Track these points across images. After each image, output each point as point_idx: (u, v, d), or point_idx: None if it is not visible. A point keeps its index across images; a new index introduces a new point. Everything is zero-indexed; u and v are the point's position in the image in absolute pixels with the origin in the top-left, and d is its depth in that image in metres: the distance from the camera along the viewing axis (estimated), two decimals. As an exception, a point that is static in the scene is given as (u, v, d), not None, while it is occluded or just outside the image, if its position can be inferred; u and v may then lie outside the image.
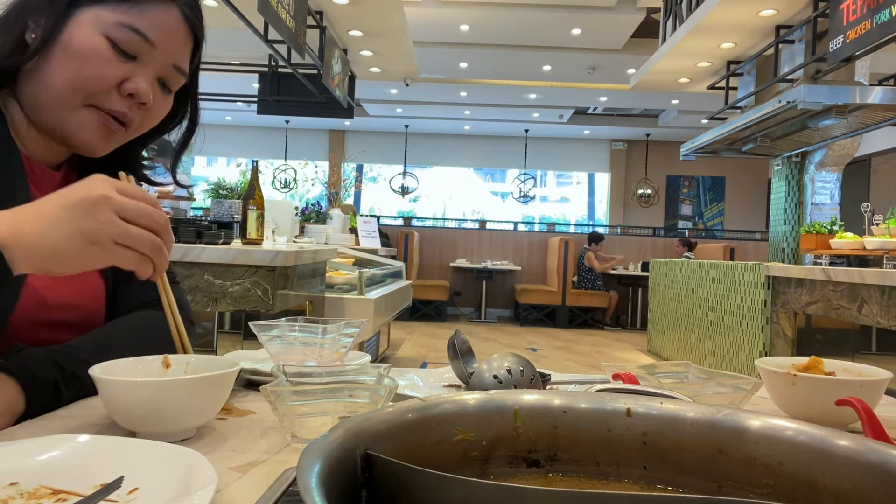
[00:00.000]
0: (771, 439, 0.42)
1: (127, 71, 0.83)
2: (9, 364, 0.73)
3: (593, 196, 13.59)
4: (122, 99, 0.84)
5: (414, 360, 5.90)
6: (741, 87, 5.97)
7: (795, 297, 4.05)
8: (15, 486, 0.52)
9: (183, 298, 1.05)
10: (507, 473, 0.46)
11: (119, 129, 0.87)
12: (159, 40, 0.85)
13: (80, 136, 0.84)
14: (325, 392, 0.66)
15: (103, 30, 0.81)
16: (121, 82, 0.83)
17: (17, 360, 0.74)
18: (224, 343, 4.47)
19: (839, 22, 3.98)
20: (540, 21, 7.50)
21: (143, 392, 0.66)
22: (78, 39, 0.81)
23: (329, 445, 0.36)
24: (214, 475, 0.52)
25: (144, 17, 0.83)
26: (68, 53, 0.81)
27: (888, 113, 4.48)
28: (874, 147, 8.88)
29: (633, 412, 0.47)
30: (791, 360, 0.91)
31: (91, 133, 0.85)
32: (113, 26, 0.82)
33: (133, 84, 0.84)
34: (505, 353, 0.82)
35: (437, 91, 9.99)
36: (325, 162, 12.73)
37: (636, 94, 9.52)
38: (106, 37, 0.81)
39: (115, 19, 0.82)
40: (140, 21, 0.83)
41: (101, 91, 0.83)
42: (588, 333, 8.63)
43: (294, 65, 5.21)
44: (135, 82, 0.84)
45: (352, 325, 0.98)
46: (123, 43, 0.82)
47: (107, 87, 0.83)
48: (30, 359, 0.75)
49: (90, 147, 0.86)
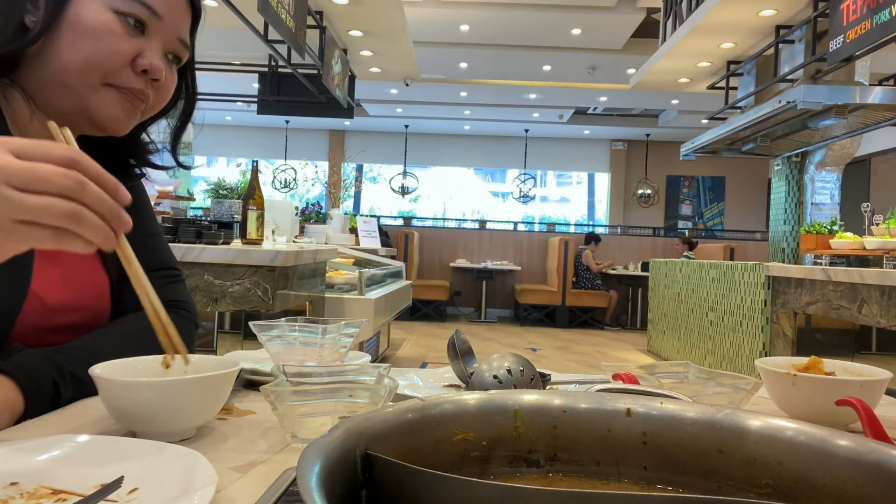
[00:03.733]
0: (771, 439, 0.42)
1: (137, 46, 0.82)
2: (6, 365, 0.73)
3: (593, 196, 13.59)
4: (136, 76, 0.83)
5: (414, 360, 5.90)
6: (741, 87, 5.97)
7: (795, 297, 4.05)
8: (15, 486, 0.52)
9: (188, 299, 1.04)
10: (507, 473, 0.46)
11: (140, 106, 0.86)
12: (165, 13, 0.84)
13: (107, 113, 0.83)
14: (325, 392, 0.66)
15: (110, 4, 0.80)
16: (133, 59, 0.82)
17: (14, 361, 0.74)
18: (224, 343, 4.47)
19: (839, 22, 3.98)
20: (540, 21, 7.50)
21: (143, 392, 0.66)
22: (87, 16, 0.79)
23: (329, 445, 0.36)
24: (214, 475, 0.52)
25: None
26: (78, 32, 0.79)
27: (888, 113, 4.48)
28: (874, 147, 8.88)
29: (633, 412, 0.47)
30: (791, 360, 0.90)
31: (117, 109, 0.83)
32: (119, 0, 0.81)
33: (146, 59, 0.83)
34: (505, 353, 0.82)
35: (437, 91, 9.99)
36: (325, 162, 12.73)
37: (636, 94, 9.52)
38: (114, 11, 0.80)
39: None
40: None
41: (116, 68, 0.81)
42: (588, 333, 8.63)
43: (294, 65, 5.21)
44: (147, 58, 0.83)
45: (352, 325, 0.98)
46: (131, 16, 0.81)
47: (121, 64, 0.82)
48: (28, 359, 0.75)
49: (117, 124, 0.85)
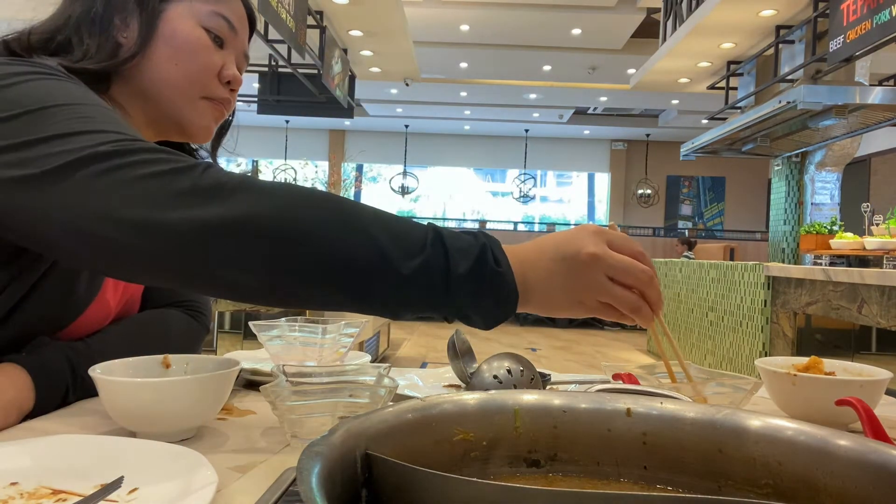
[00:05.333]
0: (771, 439, 0.42)
1: (222, 58, 0.86)
2: (28, 361, 0.74)
3: (593, 196, 13.59)
4: (222, 87, 0.87)
5: (414, 360, 5.89)
6: (741, 87, 5.97)
7: (795, 298, 4.05)
8: (15, 486, 0.53)
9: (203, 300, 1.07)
10: (507, 473, 0.46)
11: (224, 115, 0.90)
12: (239, 27, 0.88)
13: (201, 124, 0.87)
14: (325, 392, 0.66)
15: (200, 20, 0.84)
16: (219, 71, 0.86)
17: (36, 358, 0.75)
18: (224, 343, 4.47)
19: (839, 22, 3.98)
20: (540, 21, 7.50)
21: (143, 392, 0.66)
22: (183, 32, 0.82)
23: (329, 445, 0.36)
24: (214, 475, 0.52)
25: (226, 5, 0.86)
26: (174, 47, 0.82)
27: (888, 113, 4.48)
28: (874, 147, 8.88)
29: (633, 412, 0.47)
30: (791, 360, 0.91)
31: (209, 120, 0.88)
32: (207, 16, 0.84)
33: (230, 71, 0.87)
34: (505, 353, 0.82)
35: (437, 91, 9.99)
36: (325, 162, 12.73)
37: (636, 94, 9.51)
38: (203, 27, 0.84)
39: (207, 9, 0.84)
40: (225, 8, 0.86)
41: (210, 81, 0.85)
42: (588, 333, 8.63)
43: (294, 65, 5.21)
44: (230, 69, 0.87)
45: (352, 325, 0.98)
46: (216, 30, 0.85)
47: (213, 76, 0.85)
48: (49, 359, 0.76)
49: (206, 133, 0.89)
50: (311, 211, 0.59)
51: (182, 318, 0.99)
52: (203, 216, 0.56)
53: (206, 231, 0.56)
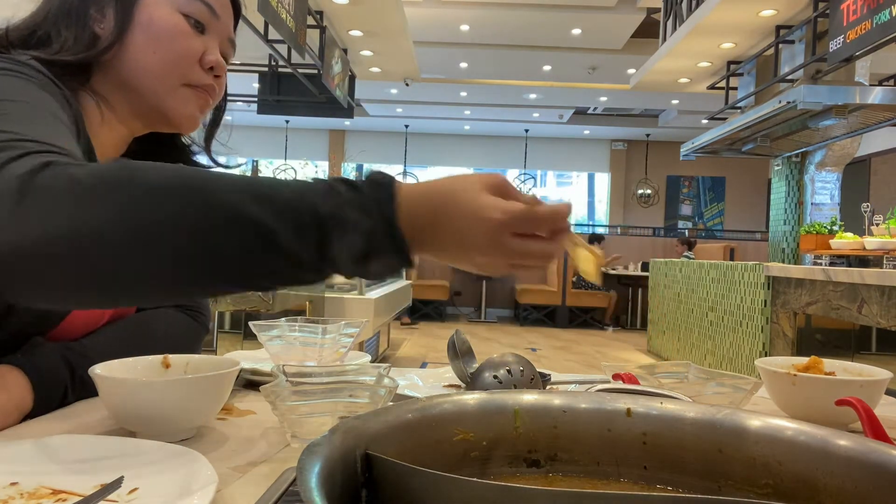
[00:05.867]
0: (771, 439, 0.42)
1: (202, 44, 0.85)
2: (25, 363, 0.74)
3: (593, 196, 13.59)
4: (204, 73, 0.85)
5: (414, 360, 5.89)
6: (741, 87, 5.97)
7: (795, 298, 4.05)
8: (15, 486, 0.53)
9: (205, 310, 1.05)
10: (507, 473, 0.46)
11: (209, 102, 0.88)
12: (221, 11, 0.87)
13: (184, 112, 0.85)
14: (325, 392, 0.66)
15: (178, 6, 0.82)
16: (200, 56, 0.85)
17: (33, 359, 0.75)
18: (224, 343, 4.46)
19: (839, 22, 3.98)
20: (540, 21, 7.50)
21: (143, 392, 0.66)
22: (160, 19, 0.81)
23: (329, 445, 0.36)
24: (214, 475, 0.52)
25: None
26: (151, 35, 0.81)
27: (888, 113, 4.48)
28: (874, 147, 8.88)
29: (633, 412, 0.47)
30: (791, 360, 0.91)
31: (193, 107, 0.86)
32: (185, 1, 0.83)
33: (212, 56, 0.85)
34: (505, 353, 0.82)
35: (437, 91, 9.98)
36: (325, 162, 12.72)
37: (636, 94, 9.51)
38: (181, 13, 0.82)
39: None
40: None
41: (190, 67, 0.84)
42: (588, 333, 8.63)
43: (294, 65, 5.21)
44: (212, 55, 0.85)
45: (352, 325, 0.98)
46: (195, 15, 0.83)
47: (193, 63, 0.84)
48: (45, 360, 0.76)
49: (191, 122, 0.87)
50: (155, 210, 0.51)
51: (181, 317, 0.99)
52: (20, 236, 0.49)
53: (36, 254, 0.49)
